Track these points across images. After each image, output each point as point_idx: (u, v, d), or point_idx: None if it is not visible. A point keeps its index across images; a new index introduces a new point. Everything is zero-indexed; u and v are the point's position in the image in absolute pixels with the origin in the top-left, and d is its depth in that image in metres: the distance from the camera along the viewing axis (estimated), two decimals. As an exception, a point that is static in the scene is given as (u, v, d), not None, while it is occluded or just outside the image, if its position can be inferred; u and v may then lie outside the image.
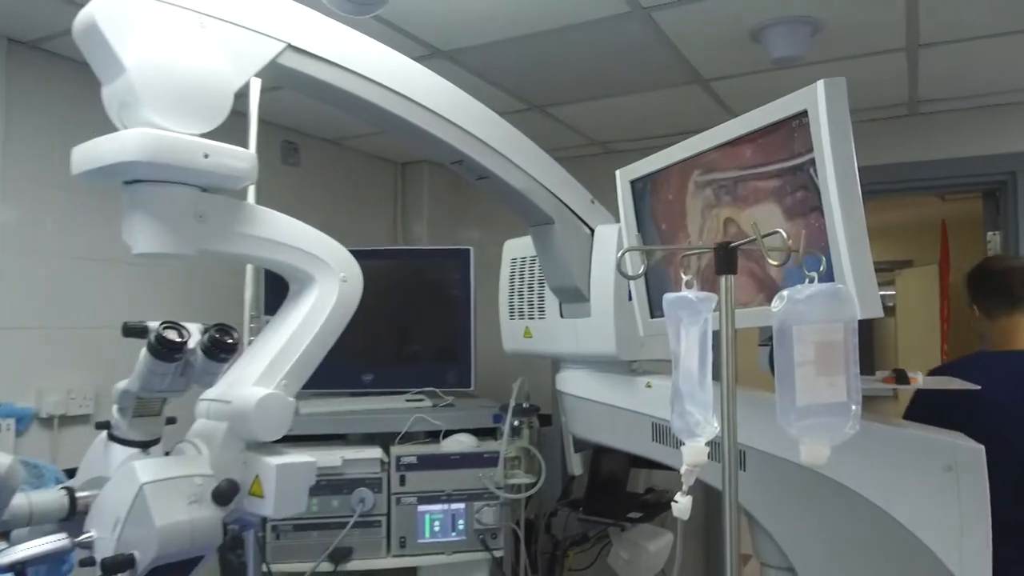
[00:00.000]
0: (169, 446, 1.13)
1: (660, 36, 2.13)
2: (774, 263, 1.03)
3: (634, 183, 1.53)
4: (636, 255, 1.48)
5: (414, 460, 2.29)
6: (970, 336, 2.33)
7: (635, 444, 1.74)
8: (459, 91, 1.40)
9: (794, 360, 0.96)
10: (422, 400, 2.62)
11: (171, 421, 1.17)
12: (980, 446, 1.29)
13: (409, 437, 2.40)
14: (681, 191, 1.41)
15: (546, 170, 1.64)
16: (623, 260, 1.30)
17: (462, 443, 2.37)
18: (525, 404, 2.32)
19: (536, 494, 2.42)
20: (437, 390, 2.69)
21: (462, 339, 2.77)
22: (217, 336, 1.10)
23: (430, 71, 1.34)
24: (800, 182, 1.16)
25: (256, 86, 1.89)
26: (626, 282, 1.66)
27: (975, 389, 1.61)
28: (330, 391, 2.65)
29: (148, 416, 1.12)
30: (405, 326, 2.87)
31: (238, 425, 1.05)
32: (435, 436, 2.41)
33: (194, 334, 1.10)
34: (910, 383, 1.60)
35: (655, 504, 2.59)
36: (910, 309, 5.35)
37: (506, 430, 2.29)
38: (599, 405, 1.83)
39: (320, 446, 2.32)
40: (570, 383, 1.93)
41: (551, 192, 1.66)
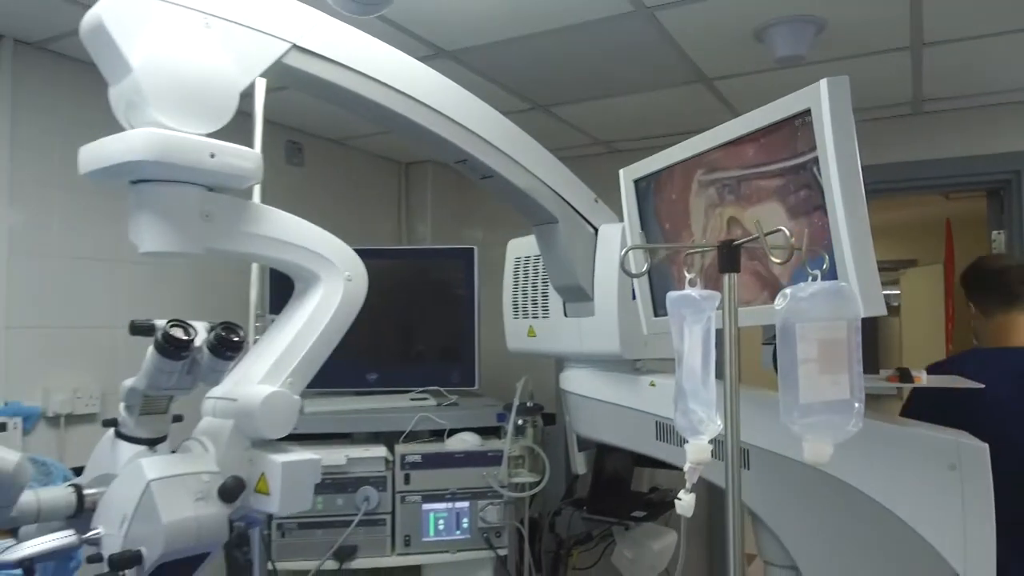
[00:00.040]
0: (176, 444, 1.13)
1: (664, 35, 2.13)
2: (777, 261, 1.03)
3: (638, 182, 1.54)
4: (639, 254, 1.48)
5: (418, 459, 2.30)
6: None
7: (639, 443, 1.75)
8: (463, 91, 1.41)
9: (797, 358, 0.96)
10: (426, 399, 2.63)
11: (178, 419, 1.18)
12: (984, 444, 1.29)
13: (413, 436, 2.41)
14: (685, 190, 1.41)
15: (550, 169, 1.64)
16: (627, 258, 1.30)
17: (466, 442, 2.37)
18: (529, 403, 2.33)
19: (540, 493, 2.42)
20: (441, 389, 2.70)
21: (466, 338, 2.78)
22: (223, 334, 1.10)
23: (434, 71, 1.35)
24: (803, 181, 1.16)
25: (261, 86, 1.90)
26: (630, 281, 1.67)
27: (977, 387, 1.61)
28: (335, 390, 2.66)
29: (155, 414, 1.13)
30: (409, 325, 2.88)
31: (244, 423, 1.06)
32: (439, 435, 2.42)
33: (200, 332, 1.11)
34: (914, 382, 1.60)
35: (659, 503, 2.58)
36: (914, 308, 5.34)
37: (510, 429, 2.30)
38: (603, 404, 1.83)
39: (325, 445, 2.33)
40: (574, 382, 1.93)
41: (555, 191, 1.66)
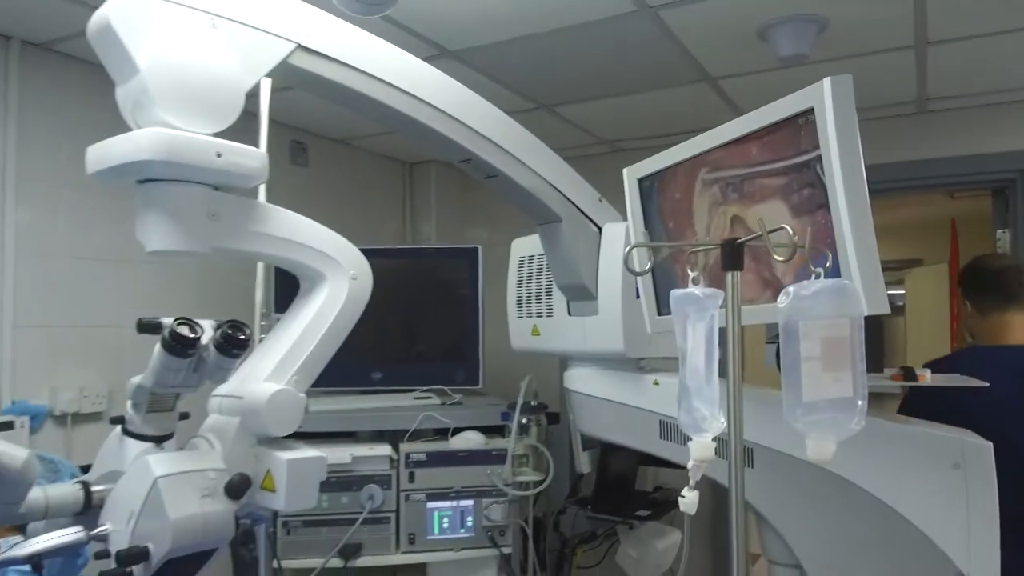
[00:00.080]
0: (182, 441, 1.14)
1: (667, 35, 2.14)
2: (779, 259, 1.03)
3: (641, 181, 1.54)
4: (643, 252, 1.48)
5: (423, 457, 2.31)
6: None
7: (643, 441, 1.75)
8: (467, 90, 1.41)
9: (800, 356, 0.97)
10: (431, 398, 2.64)
11: (184, 416, 1.18)
12: (988, 443, 1.29)
13: (418, 434, 2.42)
14: (688, 189, 1.41)
15: (554, 169, 1.64)
16: (630, 256, 1.30)
17: (470, 440, 2.38)
18: (533, 402, 2.33)
19: (544, 492, 2.43)
20: (446, 388, 2.71)
21: (470, 337, 2.79)
22: (229, 332, 1.11)
23: (438, 71, 1.35)
24: (807, 179, 1.16)
25: (267, 86, 1.90)
26: (634, 280, 1.67)
27: (981, 386, 1.61)
28: (340, 389, 2.67)
29: (162, 411, 1.14)
30: (414, 325, 2.89)
31: (250, 420, 1.06)
32: (444, 433, 2.43)
33: (207, 330, 1.11)
34: (918, 380, 1.60)
35: (663, 502, 2.59)
36: (920, 308, 5.33)
37: (514, 428, 2.30)
38: (607, 403, 1.84)
39: (330, 443, 2.34)
40: (578, 381, 1.94)
41: (559, 191, 1.67)
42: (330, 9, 1.23)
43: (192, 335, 1.08)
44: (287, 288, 1.24)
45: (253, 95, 1.07)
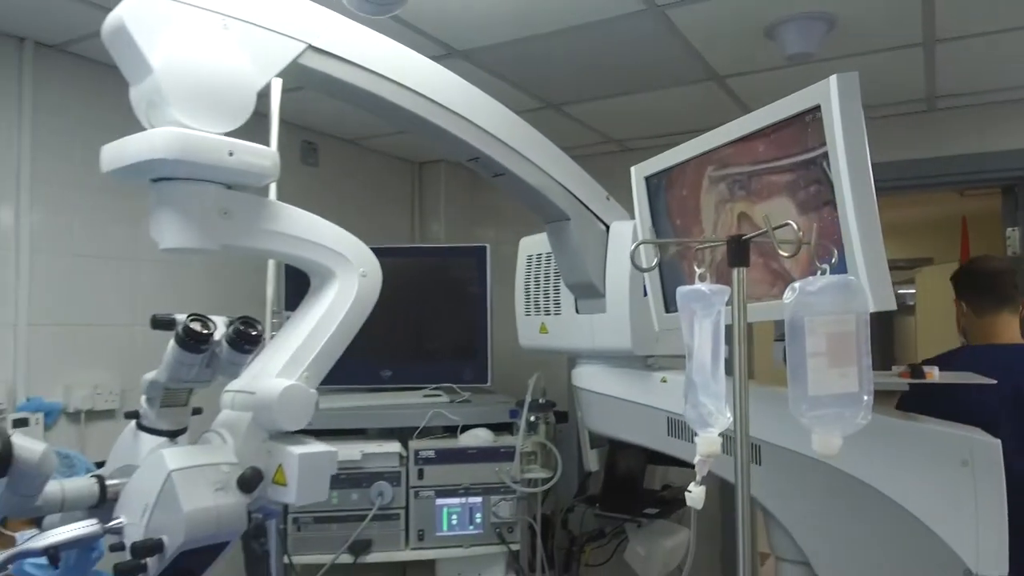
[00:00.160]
0: (195, 436, 1.15)
1: (675, 33, 2.14)
2: (785, 254, 1.04)
3: (649, 179, 1.55)
4: (650, 249, 1.49)
5: (432, 454, 2.32)
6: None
7: (651, 439, 1.76)
8: (476, 89, 1.42)
9: (806, 351, 0.97)
10: (439, 396, 2.65)
11: (197, 412, 1.20)
12: (997, 441, 1.29)
13: (427, 432, 2.43)
14: (695, 187, 1.42)
15: (561, 167, 1.65)
16: (637, 253, 1.31)
17: (479, 438, 2.39)
18: (541, 400, 2.34)
19: (553, 490, 2.43)
20: (454, 386, 2.72)
21: (479, 335, 2.80)
22: (242, 328, 1.13)
23: (447, 70, 1.36)
24: (813, 176, 1.16)
25: (277, 86, 1.92)
26: (641, 278, 1.68)
27: (989, 383, 1.62)
28: (350, 387, 2.69)
29: (175, 406, 1.15)
30: (423, 323, 2.90)
31: (262, 415, 1.07)
32: (452, 431, 2.44)
33: (219, 326, 1.13)
34: (926, 378, 1.61)
35: (671, 500, 2.58)
36: (930, 307, 5.29)
37: (522, 425, 2.31)
38: (615, 400, 1.84)
39: (340, 440, 2.35)
40: (586, 378, 1.94)
41: (567, 189, 1.67)
42: (340, 9, 1.24)
43: (205, 331, 1.10)
44: (297, 286, 1.25)
45: (264, 95, 1.08)
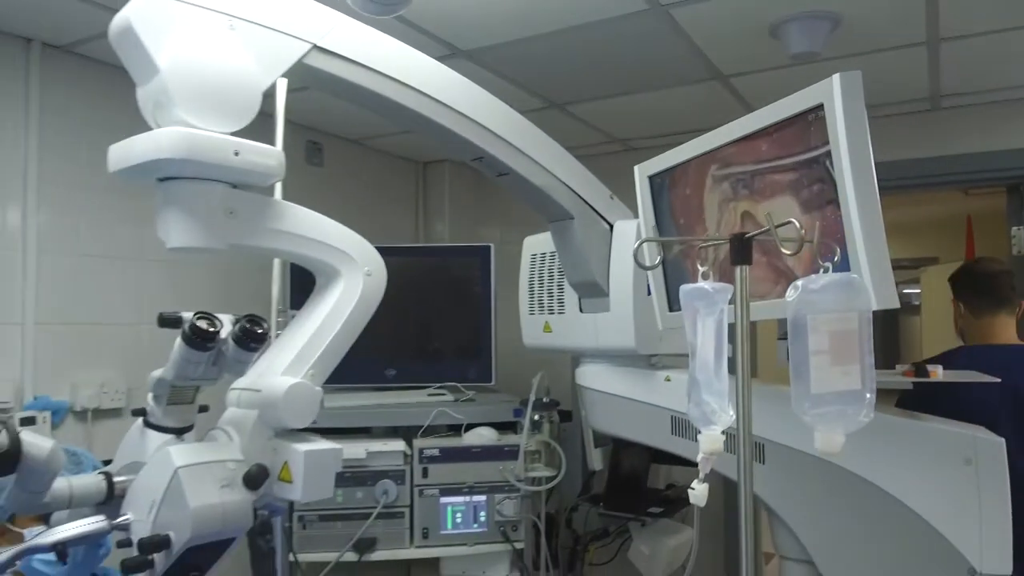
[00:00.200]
0: (201, 433, 1.16)
1: (678, 32, 2.14)
2: (787, 252, 1.04)
3: (652, 178, 1.55)
4: (653, 247, 1.49)
5: (436, 453, 2.33)
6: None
7: (654, 438, 1.76)
8: (480, 89, 1.43)
9: (809, 349, 0.98)
10: (444, 394, 2.66)
11: (203, 409, 1.21)
12: (1001, 439, 1.29)
13: (431, 430, 2.44)
14: (699, 186, 1.42)
15: (565, 166, 1.66)
16: (640, 251, 1.31)
17: (483, 436, 2.40)
18: (545, 399, 2.35)
19: (557, 489, 2.44)
20: (459, 385, 2.73)
21: (483, 334, 2.81)
22: (248, 326, 1.13)
23: (451, 70, 1.37)
24: (816, 175, 1.17)
25: (283, 86, 1.93)
26: (645, 277, 1.68)
27: (993, 381, 1.62)
28: (354, 386, 2.70)
29: (182, 404, 1.16)
30: (427, 322, 2.91)
31: (267, 413, 1.08)
32: (457, 429, 2.45)
33: (226, 324, 1.14)
34: (930, 377, 1.61)
35: (675, 500, 2.59)
36: (935, 307, 5.28)
37: (526, 424, 2.32)
38: (619, 399, 1.85)
39: (345, 439, 2.36)
40: (590, 377, 1.95)
41: (570, 188, 1.68)
42: (344, 10, 1.25)
43: (211, 329, 1.11)
44: (303, 285, 1.26)
45: (269, 95, 1.09)
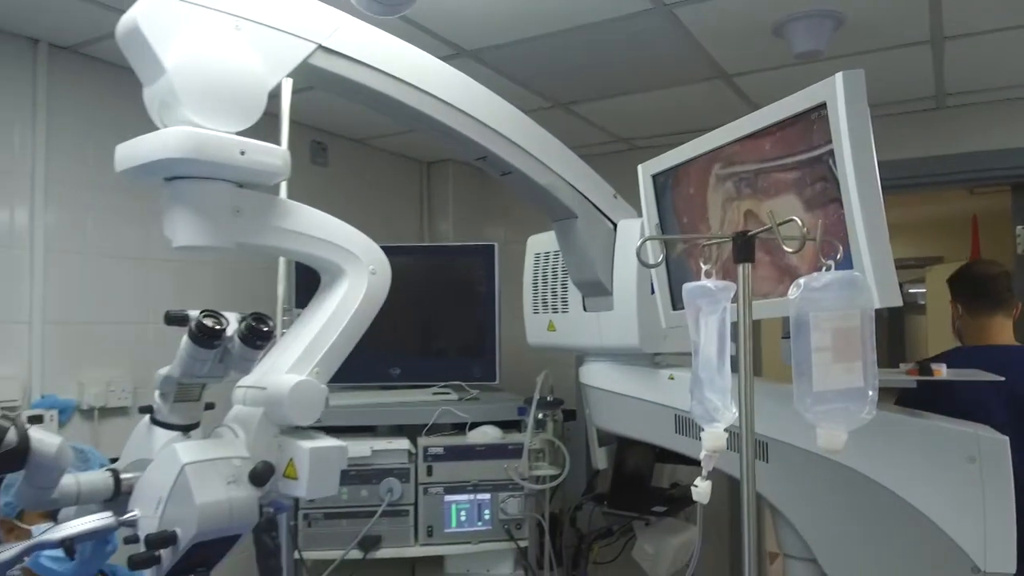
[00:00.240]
0: (208, 431, 1.17)
1: (682, 32, 2.14)
2: (790, 250, 1.04)
3: (656, 177, 1.55)
4: (656, 245, 1.50)
5: (441, 451, 2.34)
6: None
7: (658, 436, 1.76)
8: (484, 89, 1.44)
9: (811, 346, 0.98)
10: (448, 393, 2.66)
11: (210, 407, 1.22)
12: (1004, 437, 1.29)
13: (436, 429, 2.44)
14: (702, 184, 1.42)
15: (569, 165, 1.66)
16: (643, 249, 1.31)
17: (487, 435, 2.40)
18: (549, 397, 2.35)
19: (561, 488, 2.44)
20: (463, 383, 2.73)
21: (487, 333, 2.81)
22: (254, 324, 1.14)
23: (456, 70, 1.38)
24: (819, 173, 1.17)
25: (288, 86, 1.94)
26: (649, 275, 1.68)
27: (997, 379, 1.63)
28: (359, 384, 2.71)
29: (188, 401, 1.17)
30: (431, 321, 2.92)
31: (273, 410, 1.09)
32: (461, 428, 2.45)
33: (232, 322, 1.14)
34: (934, 375, 1.61)
35: (680, 498, 2.59)
36: (941, 306, 5.26)
37: (530, 422, 2.32)
38: (622, 397, 1.85)
39: (350, 437, 2.37)
40: (594, 376, 1.95)
41: (574, 187, 1.68)
42: (349, 10, 1.26)
43: (218, 327, 1.11)
44: (308, 283, 1.27)
45: (275, 95, 1.10)
